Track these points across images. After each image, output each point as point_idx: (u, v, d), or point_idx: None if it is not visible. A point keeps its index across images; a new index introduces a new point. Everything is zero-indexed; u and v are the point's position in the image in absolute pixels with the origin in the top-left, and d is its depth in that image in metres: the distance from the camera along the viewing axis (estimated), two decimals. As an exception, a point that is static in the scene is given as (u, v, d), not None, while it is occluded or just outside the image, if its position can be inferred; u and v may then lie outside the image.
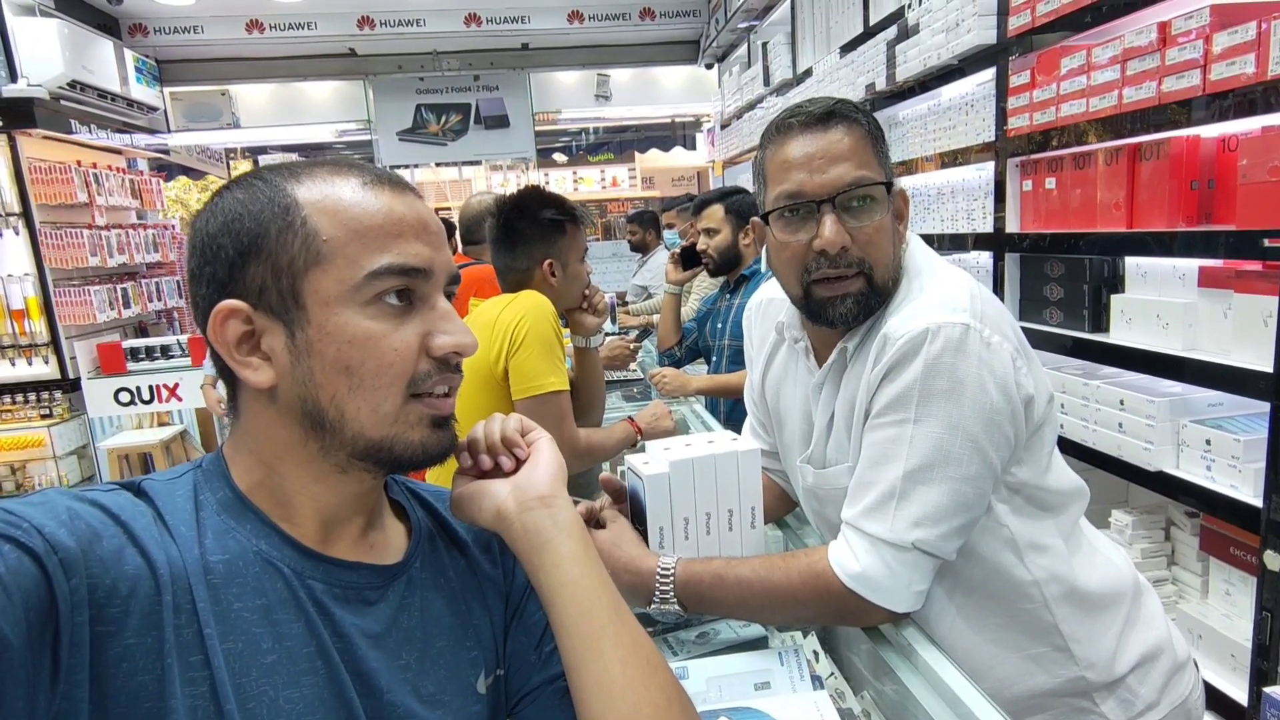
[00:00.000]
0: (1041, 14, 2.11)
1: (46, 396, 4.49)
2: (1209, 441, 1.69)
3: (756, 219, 1.09)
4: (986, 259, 2.50)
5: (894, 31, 2.95)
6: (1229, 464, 1.63)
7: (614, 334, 3.74)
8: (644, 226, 5.26)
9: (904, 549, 0.94)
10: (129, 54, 5.50)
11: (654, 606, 1.02)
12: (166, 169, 6.82)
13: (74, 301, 4.45)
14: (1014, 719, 0.85)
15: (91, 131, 4.88)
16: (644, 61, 7.04)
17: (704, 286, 3.41)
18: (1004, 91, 2.30)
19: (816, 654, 1.09)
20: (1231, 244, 1.59)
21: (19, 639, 0.47)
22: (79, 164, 4.55)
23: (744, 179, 5.28)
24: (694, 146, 9.37)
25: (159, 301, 5.36)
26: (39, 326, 4.40)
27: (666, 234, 5.30)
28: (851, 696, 1.05)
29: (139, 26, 5.93)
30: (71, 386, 4.53)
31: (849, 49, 3.41)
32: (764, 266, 2.49)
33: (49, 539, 0.51)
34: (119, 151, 5.46)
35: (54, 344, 4.45)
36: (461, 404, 0.70)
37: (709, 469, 1.08)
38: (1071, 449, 2.03)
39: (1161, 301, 1.85)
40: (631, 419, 1.92)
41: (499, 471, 0.72)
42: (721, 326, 2.70)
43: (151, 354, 4.71)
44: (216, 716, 0.56)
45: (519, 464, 0.72)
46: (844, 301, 1.02)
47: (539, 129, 7.18)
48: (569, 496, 0.72)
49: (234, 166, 7.58)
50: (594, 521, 1.11)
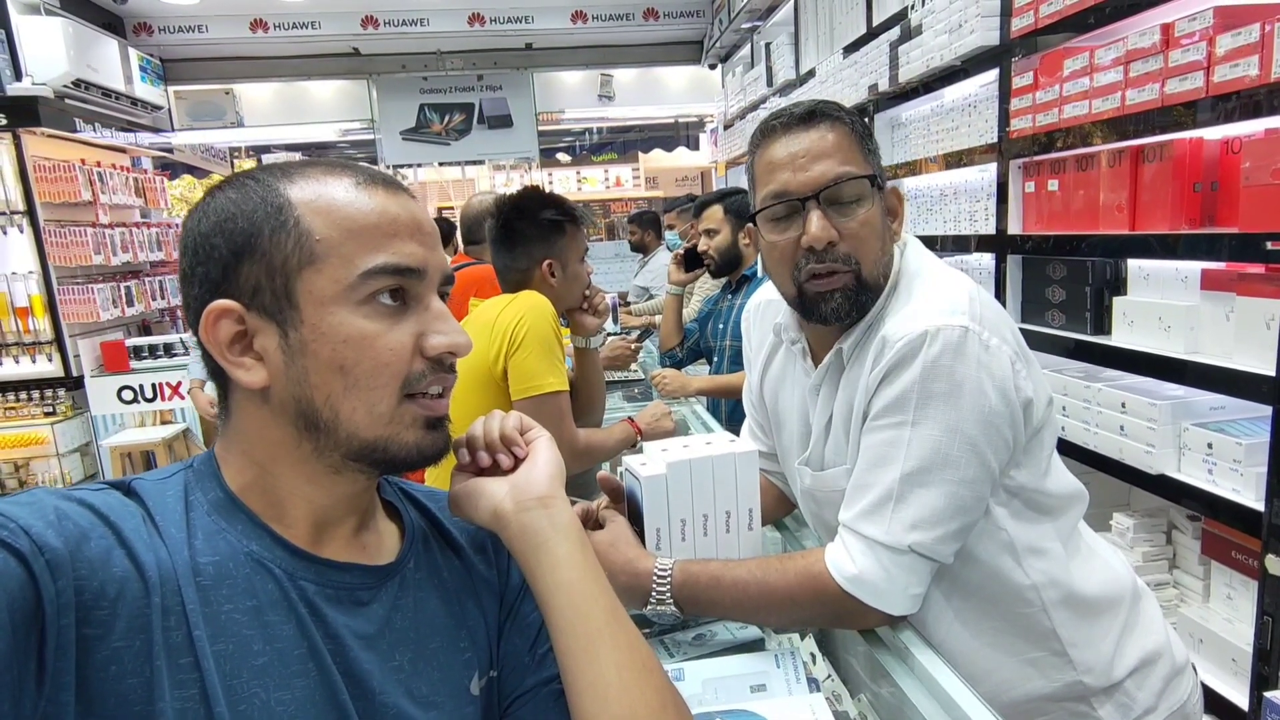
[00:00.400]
0: (1045, 15, 2.10)
1: (50, 394, 4.51)
2: (1211, 445, 1.68)
3: (751, 225, 1.10)
4: (989, 261, 2.49)
5: (897, 32, 2.94)
6: (1231, 467, 1.63)
7: (616, 334, 3.74)
8: (643, 227, 5.25)
9: (900, 552, 0.94)
10: (133, 53, 5.51)
11: (650, 608, 1.02)
12: (170, 168, 6.84)
13: (78, 300, 4.46)
14: (1010, 723, 0.85)
15: (96, 130, 4.90)
16: (647, 62, 7.04)
17: (706, 287, 3.41)
18: (1007, 93, 2.29)
19: (814, 656, 1.08)
20: (1234, 247, 1.58)
21: (3, 641, 0.47)
22: (83, 162, 4.56)
23: (746, 179, 5.27)
24: (697, 147, 9.37)
25: (162, 300, 5.37)
26: (43, 324, 4.42)
27: (668, 235, 5.29)
28: (848, 699, 1.05)
29: (143, 25, 5.95)
30: (75, 384, 4.54)
31: (852, 50, 3.40)
32: (760, 270, 2.49)
33: (36, 540, 0.50)
34: (123, 150, 5.47)
35: (58, 342, 4.46)
36: (460, 404, 0.70)
37: (706, 470, 1.07)
38: (1073, 452, 2.03)
39: (1164, 304, 1.84)
40: (631, 419, 1.91)
41: (497, 469, 0.72)
42: (723, 327, 2.70)
43: (155, 352, 4.73)
44: (207, 719, 0.55)
45: (517, 462, 0.72)
46: (834, 297, 1.02)
47: (542, 129, 7.18)
48: (567, 497, 0.72)
49: (238, 165, 7.59)
50: (592, 522, 1.11)
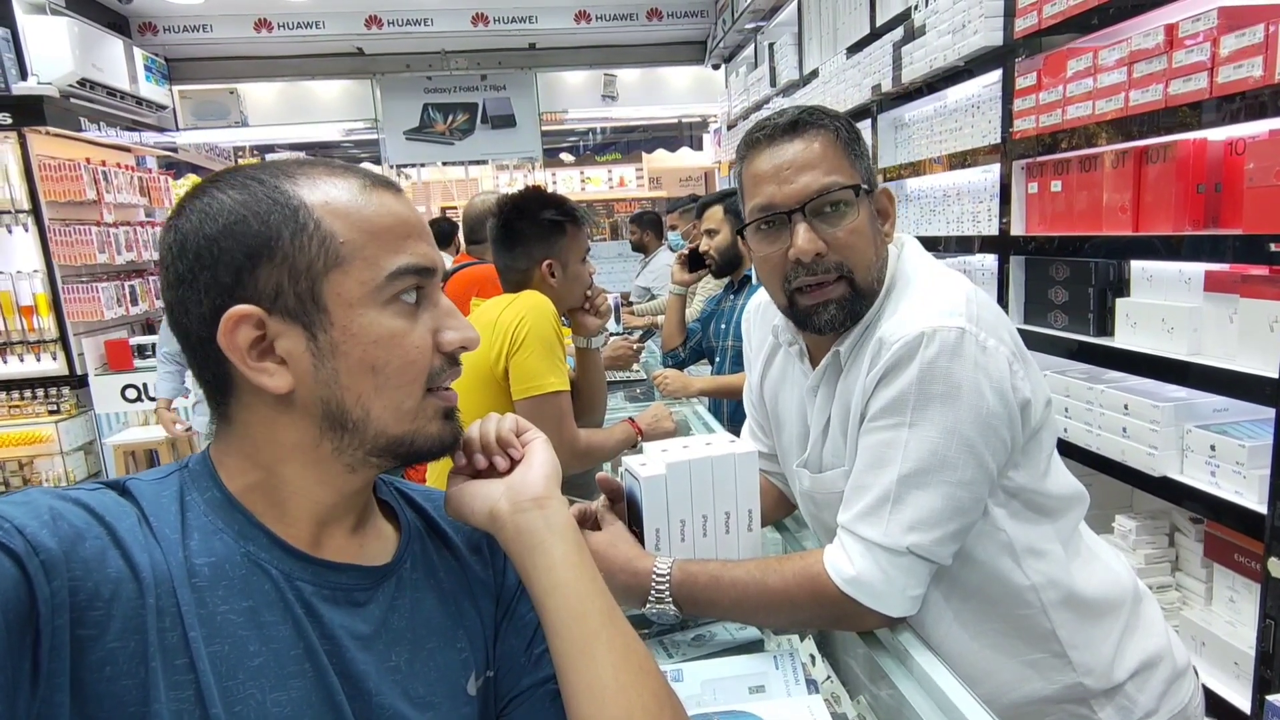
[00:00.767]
0: (1048, 16, 2.10)
1: (54, 392, 4.52)
2: (1214, 447, 1.67)
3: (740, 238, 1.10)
4: (991, 262, 2.49)
5: (900, 33, 2.94)
6: (1233, 470, 1.62)
7: (618, 334, 3.74)
8: (643, 227, 5.24)
9: (898, 553, 0.94)
10: (138, 52, 5.53)
11: (649, 607, 1.02)
12: (175, 167, 6.85)
13: (82, 298, 4.47)
14: (1009, 726, 0.84)
15: (100, 129, 4.91)
16: (651, 62, 7.05)
17: (708, 287, 3.40)
18: (1010, 93, 2.29)
19: (813, 658, 1.08)
20: (1238, 248, 1.58)
21: None
22: (88, 161, 4.58)
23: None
24: (701, 147, 9.37)
25: (166, 299, 5.37)
26: (47, 323, 4.43)
27: (671, 235, 5.29)
28: (847, 701, 1.04)
29: (148, 25, 5.97)
30: (79, 383, 4.56)
31: (855, 50, 3.40)
32: (755, 278, 2.48)
33: (30, 539, 0.50)
34: (128, 149, 5.48)
35: (62, 340, 4.48)
36: (461, 404, 0.70)
37: (706, 471, 1.07)
38: (1075, 453, 2.02)
39: (1167, 305, 1.84)
40: (632, 420, 1.91)
41: (494, 471, 0.72)
42: (725, 327, 2.69)
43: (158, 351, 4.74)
44: None
45: (514, 464, 0.72)
46: (827, 308, 1.02)
47: (545, 129, 7.20)
48: (563, 498, 0.72)
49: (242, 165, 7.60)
50: (590, 522, 1.11)
